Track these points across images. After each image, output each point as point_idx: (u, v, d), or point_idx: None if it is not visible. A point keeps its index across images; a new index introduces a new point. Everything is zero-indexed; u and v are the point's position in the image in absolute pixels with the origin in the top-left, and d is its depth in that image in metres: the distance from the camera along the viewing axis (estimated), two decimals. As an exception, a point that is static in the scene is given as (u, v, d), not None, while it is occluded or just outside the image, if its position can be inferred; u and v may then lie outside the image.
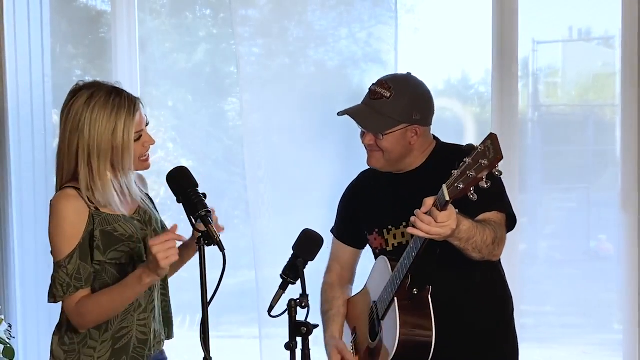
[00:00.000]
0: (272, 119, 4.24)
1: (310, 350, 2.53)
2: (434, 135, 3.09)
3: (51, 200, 2.74)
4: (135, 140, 2.75)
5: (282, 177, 4.21)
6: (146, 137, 2.81)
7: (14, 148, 4.38)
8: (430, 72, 3.05)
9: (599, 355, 4.42)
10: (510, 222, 2.93)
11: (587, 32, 4.41)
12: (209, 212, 2.61)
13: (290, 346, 2.52)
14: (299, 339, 2.52)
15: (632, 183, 4.09)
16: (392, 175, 3.05)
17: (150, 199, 3.02)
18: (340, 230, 3.28)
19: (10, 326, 3.78)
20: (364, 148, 3.05)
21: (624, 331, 4.18)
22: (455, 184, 2.43)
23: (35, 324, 4.46)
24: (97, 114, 2.69)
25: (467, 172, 2.40)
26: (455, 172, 2.44)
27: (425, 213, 2.52)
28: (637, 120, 4.06)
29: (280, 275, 2.62)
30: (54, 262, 2.73)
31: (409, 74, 3.05)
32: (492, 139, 2.40)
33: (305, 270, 2.60)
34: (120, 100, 2.73)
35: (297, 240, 2.65)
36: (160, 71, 4.42)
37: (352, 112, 3.00)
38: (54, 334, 2.85)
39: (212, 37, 4.67)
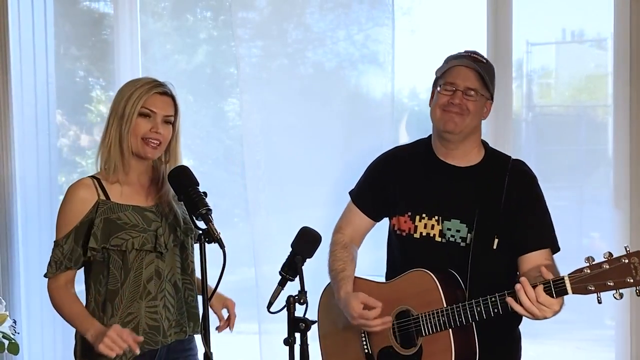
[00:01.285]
0: (271, 119, 4.24)
1: (309, 346, 2.54)
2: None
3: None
4: (143, 116, 2.83)
5: (281, 176, 4.21)
6: (155, 124, 2.84)
7: (18, 148, 4.38)
8: (427, 74, 3.04)
9: (591, 351, 4.42)
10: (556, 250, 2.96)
11: (579, 34, 4.41)
12: (210, 210, 2.63)
13: (288, 341, 2.53)
14: (297, 335, 2.52)
15: (624, 181, 4.10)
16: (444, 164, 3.01)
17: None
18: (363, 198, 3.20)
19: (14, 322, 3.78)
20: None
21: (615, 327, 4.19)
22: (587, 285, 2.47)
23: (39, 319, 4.46)
24: (128, 85, 2.91)
25: (606, 281, 2.44)
26: (586, 270, 2.47)
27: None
28: (628, 120, 4.07)
29: (279, 272, 2.63)
30: (54, 241, 2.89)
31: None
32: (639, 257, 2.41)
33: (303, 268, 2.61)
34: (149, 81, 2.91)
35: (295, 238, 2.66)
36: (161, 72, 4.41)
37: (466, 63, 2.94)
38: None
39: (212, 39, 4.67)
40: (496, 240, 2.89)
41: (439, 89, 2.96)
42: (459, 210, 2.94)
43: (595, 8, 4.21)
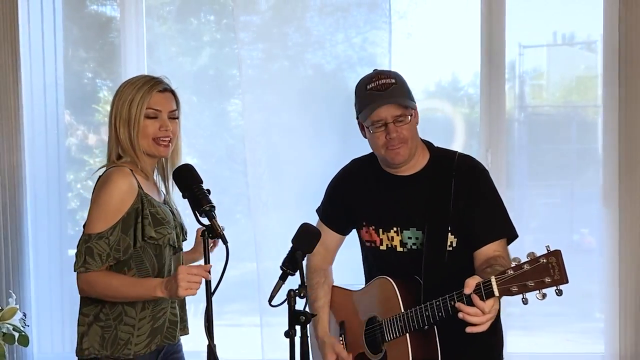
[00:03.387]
0: (272, 119, 4.24)
1: (309, 338, 2.53)
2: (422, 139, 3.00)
3: (105, 173, 2.79)
4: (150, 118, 2.79)
5: (281, 174, 4.21)
6: (163, 122, 2.81)
7: (28, 146, 4.37)
8: (422, 75, 3.02)
9: (581, 343, 4.42)
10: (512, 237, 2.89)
11: (570, 37, 4.41)
12: (213, 207, 2.62)
13: (289, 334, 2.51)
14: (297, 327, 2.51)
15: (613, 180, 4.10)
16: (391, 176, 2.95)
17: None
18: (329, 216, 3.15)
19: (24, 315, 3.77)
20: (378, 148, 2.87)
21: (605, 320, 4.19)
22: (510, 287, 2.40)
23: (48, 312, 4.45)
24: (127, 87, 2.83)
25: (527, 282, 2.37)
26: (510, 272, 2.40)
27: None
28: (617, 120, 4.07)
29: (280, 267, 2.61)
30: (88, 234, 2.72)
31: (376, 70, 2.96)
32: (557, 257, 2.36)
33: (303, 262, 2.59)
34: (148, 79, 2.86)
35: (295, 234, 2.64)
36: (166, 74, 4.30)
37: (384, 102, 2.79)
38: (84, 315, 2.82)
39: (215, 42, 4.66)
40: (452, 241, 2.83)
41: (370, 130, 2.87)
42: (413, 219, 2.88)
43: (585, 12, 4.21)
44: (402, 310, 2.78)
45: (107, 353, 2.78)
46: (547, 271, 2.36)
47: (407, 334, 2.76)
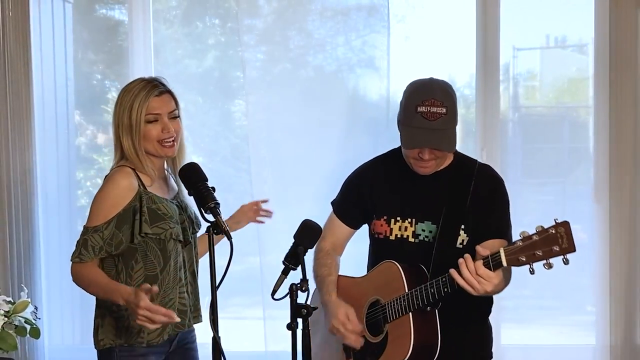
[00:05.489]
0: (275, 119, 4.24)
1: (310, 330, 2.53)
2: None
3: (110, 172, 2.84)
4: (150, 122, 2.80)
5: (284, 172, 4.21)
6: (164, 124, 2.82)
7: (39, 146, 4.37)
8: (420, 76, 3.02)
9: (573, 335, 4.42)
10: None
11: (562, 40, 4.41)
12: (218, 204, 2.62)
13: (291, 326, 2.51)
14: (299, 320, 2.51)
15: (604, 178, 4.10)
16: (415, 172, 2.92)
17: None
18: (343, 210, 3.14)
19: (36, 308, 3.76)
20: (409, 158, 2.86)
21: (596, 313, 4.19)
22: (518, 257, 2.41)
23: (58, 306, 4.45)
24: (124, 95, 2.82)
25: (535, 251, 2.38)
26: (519, 243, 2.42)
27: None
28: (608, 120, 4.08)
29: (283, 262, 2.61)
30: (86, 227, 2.78)
31: (432, 78, 2.92)
32: (565, 227, 2.37)
33: (305, 257, 2.60)
34: (144, 85, 2.83)
35: (297, 230, 2.64)
36: (172, 76, 4.38)
37: (428, 144, 2.77)
38: (99, 307, 2.88)
39: (220, 45, 4.66)
40: (461, 239, 2.84)
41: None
42: (431, 212, 2.89)
43: (577, 15, 4.21)
44: (407, 291, 2.78)
45: (122, 341, 2.83)
46: (556, 240, 2.37)
47: (410, 313, 2.75)
